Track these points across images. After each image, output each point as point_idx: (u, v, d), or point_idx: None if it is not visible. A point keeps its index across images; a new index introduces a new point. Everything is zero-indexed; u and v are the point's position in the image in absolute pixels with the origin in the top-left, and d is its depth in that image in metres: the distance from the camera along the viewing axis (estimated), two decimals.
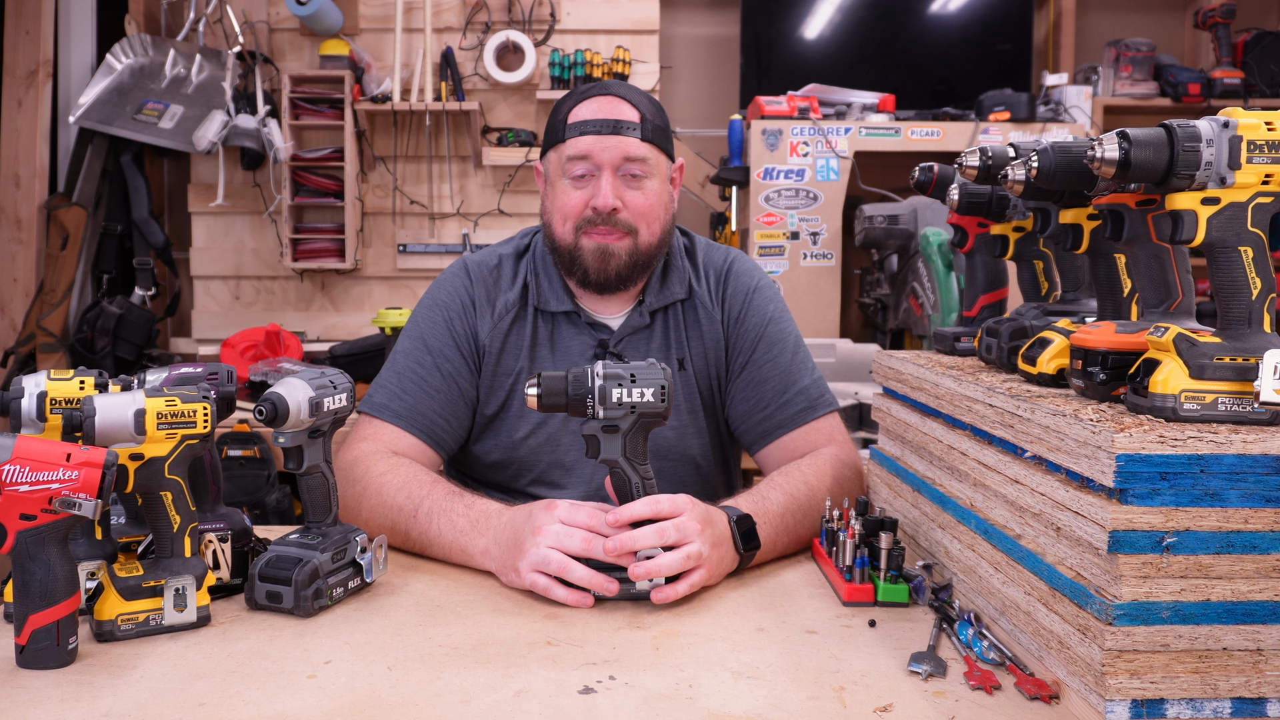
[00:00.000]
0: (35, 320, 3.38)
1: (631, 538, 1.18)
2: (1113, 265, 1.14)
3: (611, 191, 1.52)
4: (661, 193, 1.58)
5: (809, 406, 1.60)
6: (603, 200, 1.52)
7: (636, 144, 1.53)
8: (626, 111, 1.54)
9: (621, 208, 1.53)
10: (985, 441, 1.14)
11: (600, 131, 1.52)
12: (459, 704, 0.95)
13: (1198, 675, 0.88)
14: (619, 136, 1.52)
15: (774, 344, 1.63)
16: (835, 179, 3.39)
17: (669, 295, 1.63)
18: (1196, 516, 0.87)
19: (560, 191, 1.56)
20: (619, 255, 1.54)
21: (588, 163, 1.53)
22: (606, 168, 1.53)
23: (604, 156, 1.52)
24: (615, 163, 1.53)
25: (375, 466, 1.44)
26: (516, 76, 3.61)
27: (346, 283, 3.80)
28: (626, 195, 1.54)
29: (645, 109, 1.56)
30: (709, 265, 1.68)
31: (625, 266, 1.55)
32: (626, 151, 1.52)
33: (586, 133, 1.52)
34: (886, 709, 0.94)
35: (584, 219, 1.54)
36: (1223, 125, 0.93)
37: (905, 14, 3.83)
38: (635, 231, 1.55)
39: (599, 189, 1.52)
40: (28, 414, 1.13)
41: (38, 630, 0.99)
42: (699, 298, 1.65)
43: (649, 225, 1.56)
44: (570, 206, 1.55)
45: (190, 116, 3.44)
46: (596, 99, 1.55)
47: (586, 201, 1.53)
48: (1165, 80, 3.72)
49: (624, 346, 1.61)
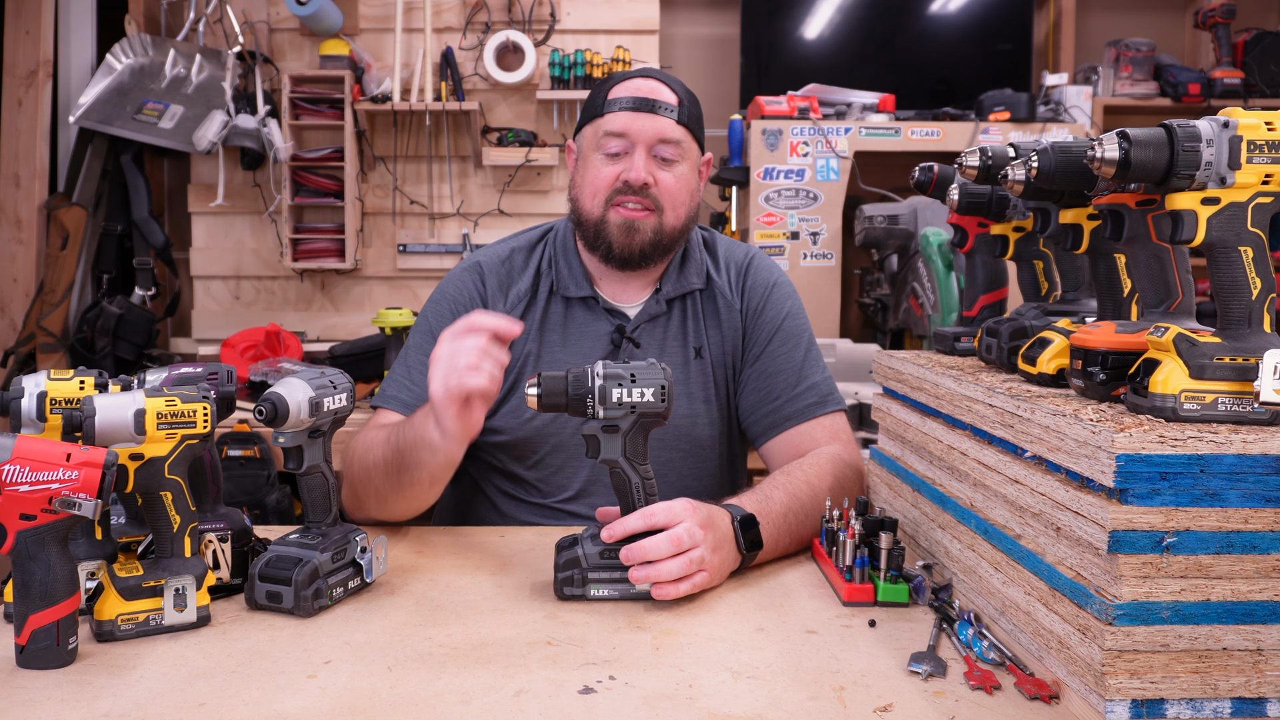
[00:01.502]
0: (35, 320, 3.38)
1: (644, 548, 1.18)
2: (1113, 265, 1.14)
3: (644, 167, 1.56)
4: (690, 178, 1.62)
5: (818, 402, 1.62)
6: (635, 174, 1.55)
7: (672, 126, 1.57)
8: (665, 94, 1.58)
9: (653, 184, 1.57)
10: (985, 441, 1.14)
11: (638, 109, 1.56)
12: (459, 704, 0.95)
13: (1198, 675, 0.88)
14: (656, 116, 1.56)
15: (790, 338, 1.66)
16: (835, 179, 3.38)
17: (686, 284, 1.66)
18: (1196, 516, 0.87)
19: (592, 165, 1.60)
20: (644, 231, 1.58)
21: (623, 140, 1.57)
22: (641, 145, 1.56)
23: (640, 134, 1.56)
24: (650, 141, 1.57)
25: (365, 437, 1.51)
26: (516, 76, 3.61)
27: (346, 283, 3.80)
28: (658, 174, 1.58)
29: (683, 95, 1.61)
30: (729, 259, 1.72)
31: (649, 244, 1.59)
32: (662, 132, 1.56)
33: (625, 109, 1.57)
34: (886, 709, 0.94)
35: (614, 190, 1.57)
36: (1223, 125, 0.93)
37: (905, 14, 3.83)
38: (662, 210, 1.58)
39: (632, 164, 1.56)
40: (28, 414, 1.13)
41: (38, 630, 0.99)
42: (718, 288, 1.68)
43: (675, 207, 1.60)
44: (601, 180, 1.58)
45: (190, 116, 3.44)
46: (638, 79, 1.60)
47: (618, 175, 1.57)
48: (1165, 80, 3.72)
49: (640, 333, 1.64)
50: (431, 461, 1.35)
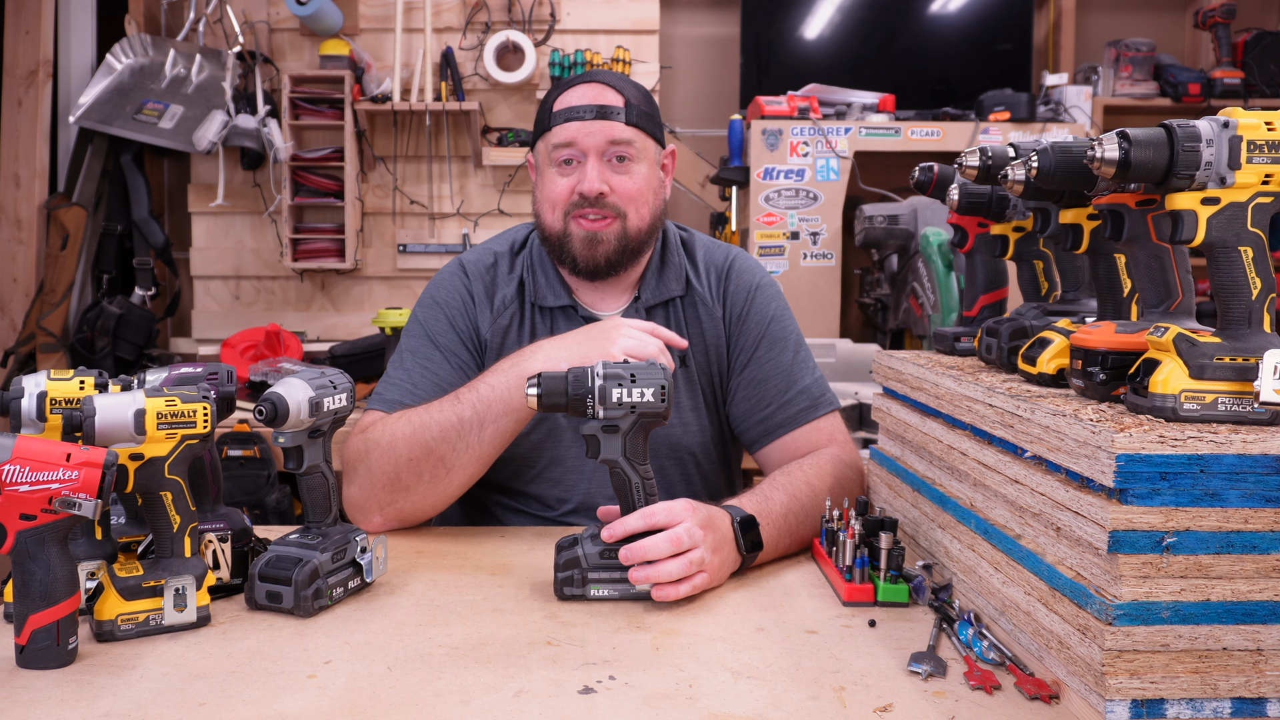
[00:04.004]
0: (35, 320, 3.38)
1: (643, 548, 1.18)
2: (1113, 265, 1.14)
3: (598, 176, 1.53)
4: (650, 177, 1.59)
5: (811, 406, 1.60)
6: (588, 185, 1.53)
7: (621, 128, 1.54)
8: (610, 97, 1.55)
9: (609, 191, 1.54)
10: (985, 441, 1.14)
11: (584, 117, 1.53)
12: (459, 704, 0.95)
13: (1198, 675, 0.88)
14: (604, 121, 1.53)
15: (776, 342, 1.63)
16: (835, 179, 3.38)
17: (665, 291, 1.64)
18: (1196, 516, 0.87)
19: (548, 180, 1.58)
20: (607, 241, 1.56)
21: (573, 149, 1.54)
22: (592, 153, 1.54)
23: (589, 141, 1.54)
24: (600, 147, 1.54)
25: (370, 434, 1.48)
26: (516, 76, 3.61)
27: (346, 283, 3.80)
28: (613, 179, 1.55)
29: (630, 94, 1.57)
30: (709, 263, 1.69)
31: (614, 252, 1.56)
32: (611, 135, 1.53)
33: (571, 119, 1.54)
34: (886, 709, 0.94)
35: (571, 204, 1.55)
36: (1223, 125, 0.93)
37: (905, 14, 3.83)
38: (624, 215, 1.56)
39: (584, 174, 1.54)
40: (28, 414, 1.13)
41: (38, 630, 0.99)
42: (698, 294, 1.65)
43: (637, 209, 1.57)
44: (558, 194, 1.56)
45: (190, 116, 3.44)
46: (581, 86, 1.57)
47: (573, 188, 1.55)
48: (1165, 80, 3.72)
49: None
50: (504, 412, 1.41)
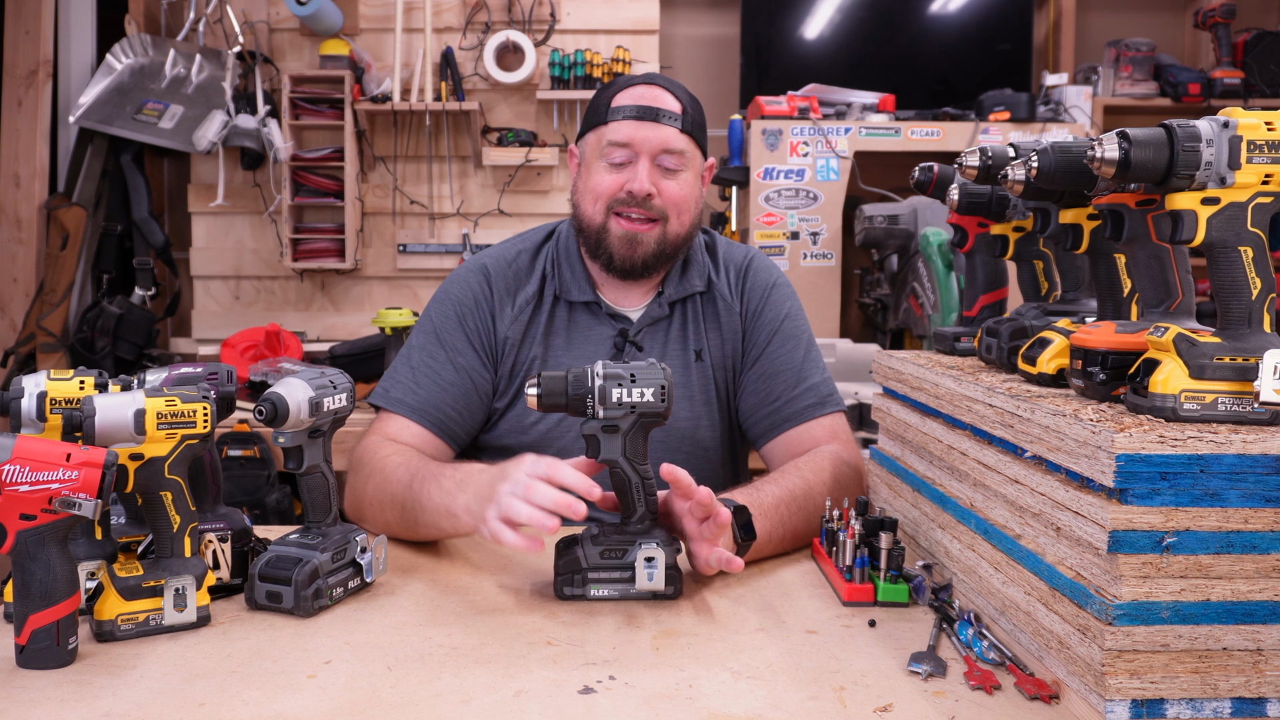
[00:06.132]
0: (35, 320, 3.38)
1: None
2: (1113, 265, 1.14)
3: (648, 177, 1.55)
4: (694, 185, 1.62)
5: (818, 403, 1.62)
6: (639, 185, 1.55)
7: (676, 135, 1.56)
8: (669, 101, 1.57)
9: (656, 194, 1.56)
10: (985, 441, 1.14)
11: (642, 118, 1.55)
12: (459, 704, 0.95)
13: (1198, 675, 0.88)
14: (660, 125, 1.56)
15: (789, 339, 1.66)
16: (835, 179, 3.38)
17: (688, 287, 1.66)
18: (1196, 516, 0.87)
19: (595, 173, 1.59)
20: (647, 244, 1.58)
21: (627, 150, 1.56)
22: (645, 155, 1.56)
23: (644, 145, 1.56)
24: (654, 151, 1.56)
25: (381, 450, 1.48)
26: (516, 76, 3.61)
27: (346, 283, 3.80)
28: (661, 183, 1.57)
29: (687, 102, 1.60)
30: (729, 261, 1.72)
31: (652, 255, 1.59)
32: (666, 142, 1.56)
33: (629, 118, 1.56)
34: (886, 709, 0.94)
35: (616, 199, 1.57)
36: (1223, 125, 0.93)
37: (905, 14, 3.83)
38: (666, 219, 1.58)
39: (635, 174, 1.56)
40: (28, 414, 1.13)
41: (38, 630, 0.99)
42: (718, 290, 1.68)
43: (679, 216, 1.59)
44: (604, 187, 1.58)
45: (190, 116, 3.44)
46: (641, 87, 1.59)
47: (621, 184, 1.57)
48: (1165, 80, 3.72)
49: (643, 337, 1.64)
50: (452, 530, 1.36)
